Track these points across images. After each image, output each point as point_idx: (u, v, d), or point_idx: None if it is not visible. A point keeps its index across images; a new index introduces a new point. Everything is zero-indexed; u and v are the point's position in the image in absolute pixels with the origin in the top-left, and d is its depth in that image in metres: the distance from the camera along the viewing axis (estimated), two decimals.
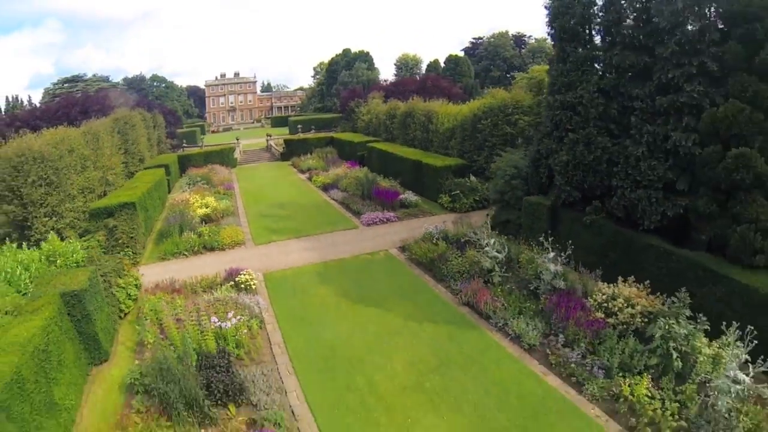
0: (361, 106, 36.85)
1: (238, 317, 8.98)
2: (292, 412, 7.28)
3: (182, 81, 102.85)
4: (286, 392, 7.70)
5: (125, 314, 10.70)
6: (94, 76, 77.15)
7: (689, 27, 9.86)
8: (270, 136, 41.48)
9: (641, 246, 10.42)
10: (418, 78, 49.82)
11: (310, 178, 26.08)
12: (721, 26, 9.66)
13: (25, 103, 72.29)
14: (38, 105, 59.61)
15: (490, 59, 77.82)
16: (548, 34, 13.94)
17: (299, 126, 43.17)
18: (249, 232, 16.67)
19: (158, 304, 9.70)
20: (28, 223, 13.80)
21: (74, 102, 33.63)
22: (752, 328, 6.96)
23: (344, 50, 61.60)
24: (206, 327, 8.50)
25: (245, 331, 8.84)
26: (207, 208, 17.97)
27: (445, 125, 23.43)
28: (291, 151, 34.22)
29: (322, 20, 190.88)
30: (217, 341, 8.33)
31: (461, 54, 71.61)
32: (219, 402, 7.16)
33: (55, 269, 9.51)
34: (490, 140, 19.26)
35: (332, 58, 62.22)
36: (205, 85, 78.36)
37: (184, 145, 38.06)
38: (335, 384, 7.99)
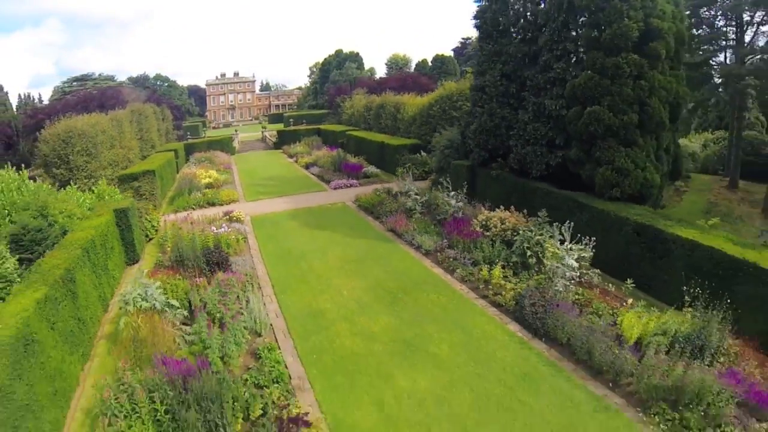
0: (345, 102, 41.21)
1: (229, 229, 13.39)
2: (257, 276, 11.66)
3: (182, 81, 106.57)
4: (255, 268, 12.09)
5: (150, 239, 15.11)
6: (100, 75, 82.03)
7: (560, 18, 13.19)
8: (265, 128, 45.93)
9: (531, 189, 13.97)
10: (401, 76, 53.94)
11: (296, 161, 30.51)
12: (577, 17, 12.88)
13: (36, 100, 77.05)
14: (47, 102, 64.22)
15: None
16: None
17: (291, 120, 47.65)
18: (242, 194, 21.20)
19: (175, 225, 14.11)
20: (72, 183, 18.20)
21: (92, 97, 38.18)
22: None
23: (336, 51, 66.07)
24: (208, 234, 12.88)
25: (233, 237, 13.23)
26: (210, 178, 22.42)
27: (409, 114, 27.79)
28: (282, 140, 38.63)
29: (322, 21, 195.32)
30: (214, 242, 12.71)
31: (449, 53, 75.71)
32: (212, 270, 11.45)
33: (104, 201, 13.91)
34: (440, 123, 23.56)
35: (325, 59, 66.68)
36: (206, 84, 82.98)
37: (189, 136, 42.55)
38: (287, 266, 12.42)
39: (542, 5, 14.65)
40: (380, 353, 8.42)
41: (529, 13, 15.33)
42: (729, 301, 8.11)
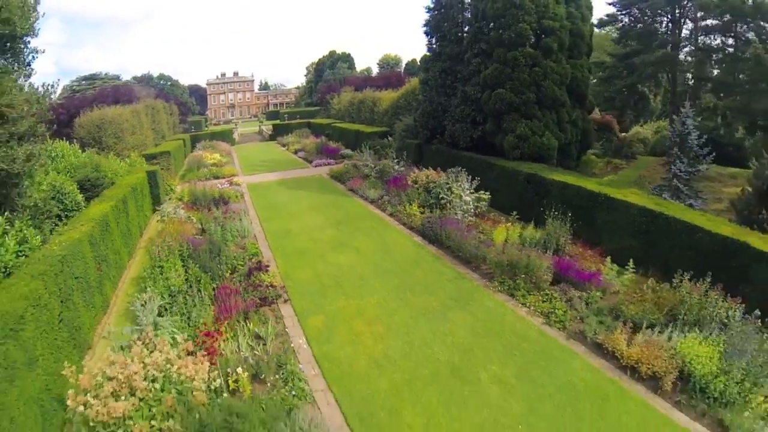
0: (334, 98, 45.88)
1: (230, 187, 18.15)
2: (249, 214, 16.40)
3: (183, 80, 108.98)
4: (248, 210, 16.88)
5: (169, 198, 19.82)
6: (106, 74, 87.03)
7: (477, 24, 17.70)
8: (262, 122, 50.66)
9: (459, 157, 17.93)
10: (387, 74, 58.46)
11: (287, 148, 35.29)
12: (488, 23, 17.02)
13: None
14: (55, 99, 68.93)
15: None
16: None
17: (286, 115, 52.51)
18: (241, 170, 26.06)
19: (190, 184, 18.87)
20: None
21: (106, 94, 42.95)
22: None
23: (330, 52, 70.77)
24: (214, 189, 17.63)
25: (233, 192, 17.99)
26: (214, 159, 27.17)
27: (383, 107, 32.49)
28: (277, 133, 43.40)
29: (323, 23, 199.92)
30: (219, 193, 17.46)
31: None
32: (218, 207, 16.18)
33: (137, 166, 18.69)
34: (404, 113, 28.23)
35: (320, 60, 71.40)
36: (207, 84, 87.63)
37: (193, 129, 47.32)
38: (271, 209, 17.22)
39: (467, 15, 19.30)
40: (322, 248, 13.16)
41: (459, 21, 19.99)
42: (591, 225, 11.82)
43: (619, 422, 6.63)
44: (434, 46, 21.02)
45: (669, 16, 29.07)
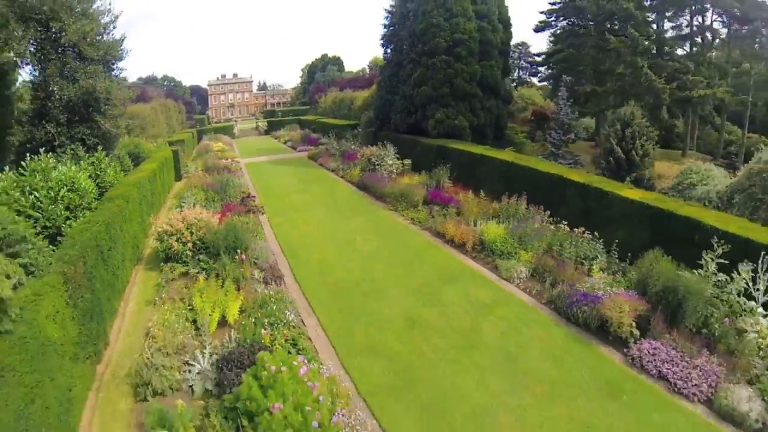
0: (321, 98, 52.72)
1: (232, 163, 25.04)
2: (245, 177, 23.24)
3: (184, 81, 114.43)
4: (244, 175, 23.72)
5: (186, 171, 26.66)
6: (115, 76, 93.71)
7: (410, 39, 24.93)
8: (259, 120, 57.57)
9: (398, 139, 24.42)
10: (370, 76, 65.09)
11: (278, 140, 42.19)
12: (417, 37, 24.51)
13: None
14: None
15: None
16: None
17: (280, 113, 59.44)
18: (240, 154, 33.11)
19: (202, 161, 25.76)
20: None
21: None
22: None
23: (322, 55, 77.58)
24: (221, 163, 24.49)
25: (234, 166, 24.83)
26: (219, 146, 34.00)
27: (357, 104, 39.32)
28: (271, 128, 50.27)
29: (323, 25, 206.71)
30: (224, 165, 24.30)
31: None
32: (223, 172, 23.00)
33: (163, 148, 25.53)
34: (371, 109, 34.99)
35: (312, 62, 78.19)
36: (208, 85, 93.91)
37: (197, 125, 54.21)
38: (260, 176, 24.18)
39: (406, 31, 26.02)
40: (290, 193, 20.11)
41: (403, 36, 26.70)
42: (474, 176, 18.10)
43: (430, 260, 12.54)
44: (387, 55, 27.77)
45: (592, 21, 35.49)
